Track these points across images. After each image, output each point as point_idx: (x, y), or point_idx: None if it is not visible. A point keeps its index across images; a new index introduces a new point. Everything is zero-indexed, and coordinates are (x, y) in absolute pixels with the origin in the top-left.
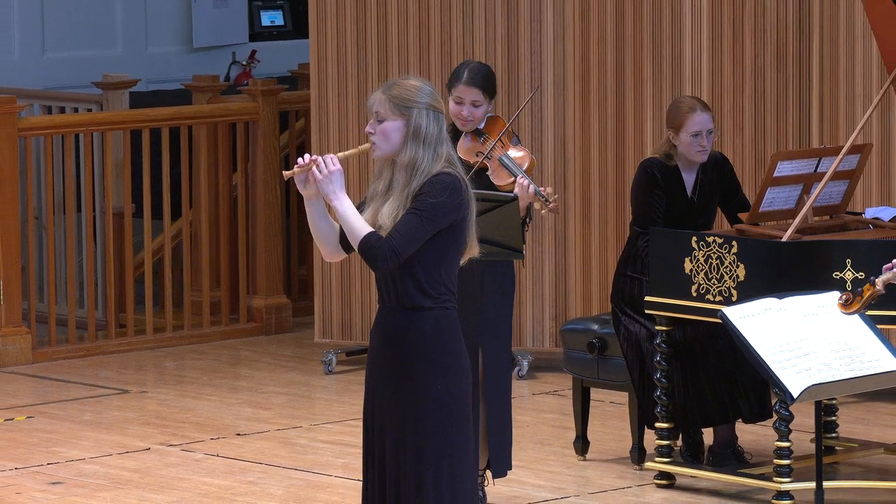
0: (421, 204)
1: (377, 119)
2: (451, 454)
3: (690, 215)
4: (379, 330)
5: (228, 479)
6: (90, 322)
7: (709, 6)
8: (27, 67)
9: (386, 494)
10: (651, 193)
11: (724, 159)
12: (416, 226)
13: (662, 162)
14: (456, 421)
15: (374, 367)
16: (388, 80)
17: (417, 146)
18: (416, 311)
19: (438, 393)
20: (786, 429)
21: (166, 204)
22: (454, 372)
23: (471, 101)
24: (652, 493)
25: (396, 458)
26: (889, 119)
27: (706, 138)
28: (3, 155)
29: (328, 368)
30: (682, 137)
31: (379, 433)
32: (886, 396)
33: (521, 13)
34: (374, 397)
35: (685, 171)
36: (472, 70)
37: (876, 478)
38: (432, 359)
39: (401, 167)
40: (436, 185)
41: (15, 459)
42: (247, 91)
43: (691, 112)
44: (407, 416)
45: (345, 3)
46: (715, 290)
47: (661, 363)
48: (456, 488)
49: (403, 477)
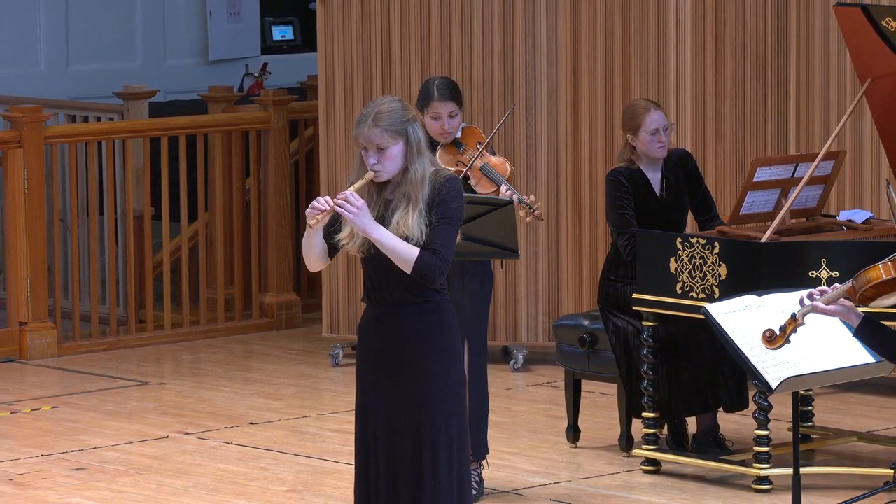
0: (449, 212)
1: (378, 149)
2: (458, 437)
3: (664, 212)
4: (381, 324)
5: (241, 466)
6: (112, 318)
7: (693, 21)
8: (53, 79)
9: (397, 485)
10: (621, 199)
11: (688, 155)
12: (452, 234)
13: (626, 167)
14: (459, 405)
15: (374, 360)
16: (365, 111)
17: (421, 159)
18: (422, 303)
19: (446, 379)
20: (765, 418)
21: (183, 207)
22: (457, 359)
23: (448, 114)
24: (639, 479)
25: (408, 445)
26: (861, 127)
27: (664, 134)
28: (30, 161)
29: (335, 361)
30: (641, 137)
31: (385, 425)
32: (858, 388)
33: (517, 29)
34: (377, 391)
35: (649, 171)
36: (441, 85)
37: (849, 464)
38: (436, 346)
39: (413, 183)
40: (450, 189)
41: (41, 447)
42: (259, 101)
43: (646, 112)
44: (416, 403)
45: (351, 19)
46: (698, 288)
47: (648, 357)
48: (463, 469)
49: (415, 463)
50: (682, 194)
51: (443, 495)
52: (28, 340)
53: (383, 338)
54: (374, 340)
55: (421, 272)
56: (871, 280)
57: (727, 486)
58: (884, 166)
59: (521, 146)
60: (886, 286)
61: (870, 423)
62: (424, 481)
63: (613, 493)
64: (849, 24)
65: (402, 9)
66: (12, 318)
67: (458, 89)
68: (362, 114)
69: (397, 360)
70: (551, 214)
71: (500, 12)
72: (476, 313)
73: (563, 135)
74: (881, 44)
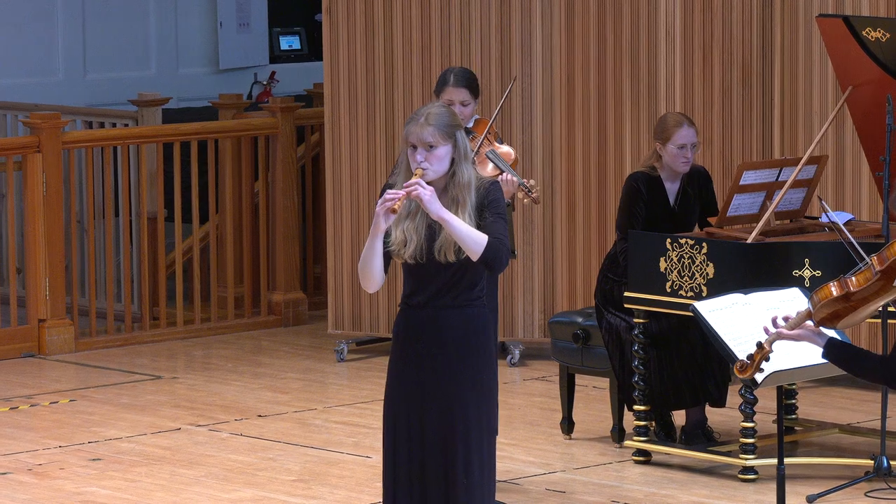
0: (501, 209)
1: (428, 148)
2: (489, 436)
3: (671, 223)
4: (422, 329)
5: (251, 456)
6: (127, 315)
7: (681, 32)
8: (70, 87)
9: (426, 476)
10: (634, 205)
11: (708, 177)
12: (505, 227)
13: (647, 174)
14: (494, 405)
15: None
16: (417, 112)
17: (467, 164)
18: (467, 306)
19: (481, 381)
20: (750, 411)
21: (195, 209)
22: (491, 361)
23: (460, 101)
24: (630, 469)
25: (444, 440)
26: (843, 133)
27: (690, 151)
28: (49, 165)
29: (340, 357)
30: (668, 149)
31: (419, 420)
32: (841, 382)
33: (514, 38)
34: (415, 390)
35: (668, 182)
36: (458, 73)
37: (831, 455)
38: (475, 349)
39: (462, 186)
40: (497, 191)
41: (59, 438)
42: (267, 108)
43: (678, 126)
44: (452, 404)
45: (355, 30)
46: (687, 287)
47: (639, 352)
48: (492, 467)
49: (451, 458)
50: (693, 210)
51: (476, 493)
52: (47, 336)
53: (424, 340)
54: (415, 342)
55: (490, 257)
56: (822, 299)
57: (714, 476)
58: (864, 170)
59: (517, 151)
60: (839, 304)
61: (851, 415)
62: (457, 479)
63: (606, 483)
64: (831, 34)
65: (404, 20)
66: (32, 315)
67: (475, 80)
68: (414, 114)
69: (436, 362)
70: (546, 217)
71: (497, 23)
72: None
73: (558, 140)
74: (862, 53)
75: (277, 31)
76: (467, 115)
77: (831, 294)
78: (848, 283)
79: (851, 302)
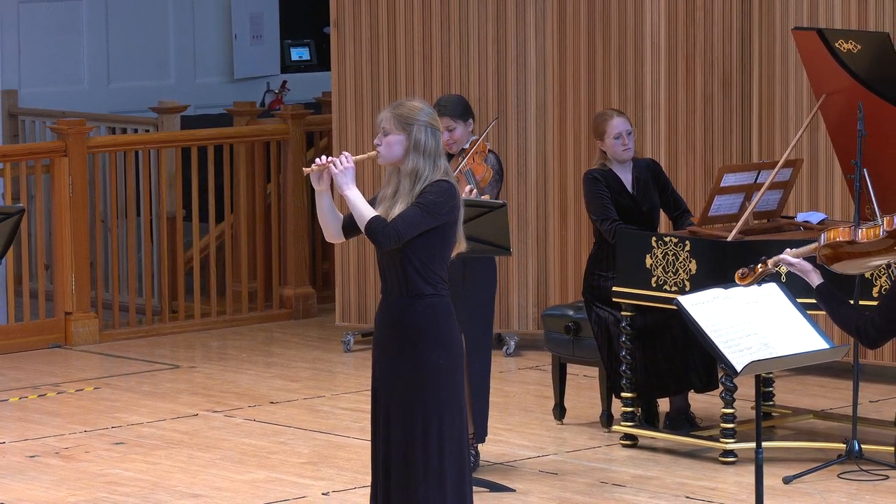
0: (423, 199)
1: (384, 133)
2: (449, 416)
3: (635, 206)
4: (386, 315)
5: (263, 440)
6: (148, 308)
7: (666, 44)
8: (95, 95)
9: (391, 452)
10: (598, 190)
11: (655, 163)
12: (416, 215)
13: (599, 169)
14: (451, 389)
15: (381, 346)
16: (396, 101)
17: (418, 157)
18: (417, 297)
19: (436, 366)
20: (730, 398)
21: (211, 209)
22: (447, 348)
23: (446, 128)
24: (618, 452)
25: (403, 421)
26: (817, 138)
27: (627, 138)
28: (74, 168)
29: (347, 347)
30: (607, 142)
31: (385, 401)
32: (815, 371)
33: (509, 51)
34: (381, 372)
35: (621, 172)
36: (440, 102)
37: (806, 439)
38: (430, 337)
39: (405, 175)
40: (435, 187)
41: (84, 423)
42: (279, 115)
43: (609, 119)
44: (410, 385)
45: (361, 42)
46: (671, 282)
47: (626, 343)
48: (453, 445)
49: (410, 437)
50: (650, 192)
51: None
52: (73, 328)
53: (385, 327)
54: (379, 329)
55: (369, 231)
56: (829, 238)
57: (697, 459)
58: (836, 173)
59: (512, 155)
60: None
61: (825, 402)
62: (417, 463)
63: (595, 465)
64: (806, 45)
65: (407, 32)
66: (59, 308)
67: (458, 107)
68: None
69: (395, 349)
70: (540, 216)
71: (494, 36)
72: (478, 303)
73: (551, 145)
74: (834, 63)
75: (288, 43)
76: (456, 138)
77: (839, 235)
78: (858, 231)
79: (854, 249)
